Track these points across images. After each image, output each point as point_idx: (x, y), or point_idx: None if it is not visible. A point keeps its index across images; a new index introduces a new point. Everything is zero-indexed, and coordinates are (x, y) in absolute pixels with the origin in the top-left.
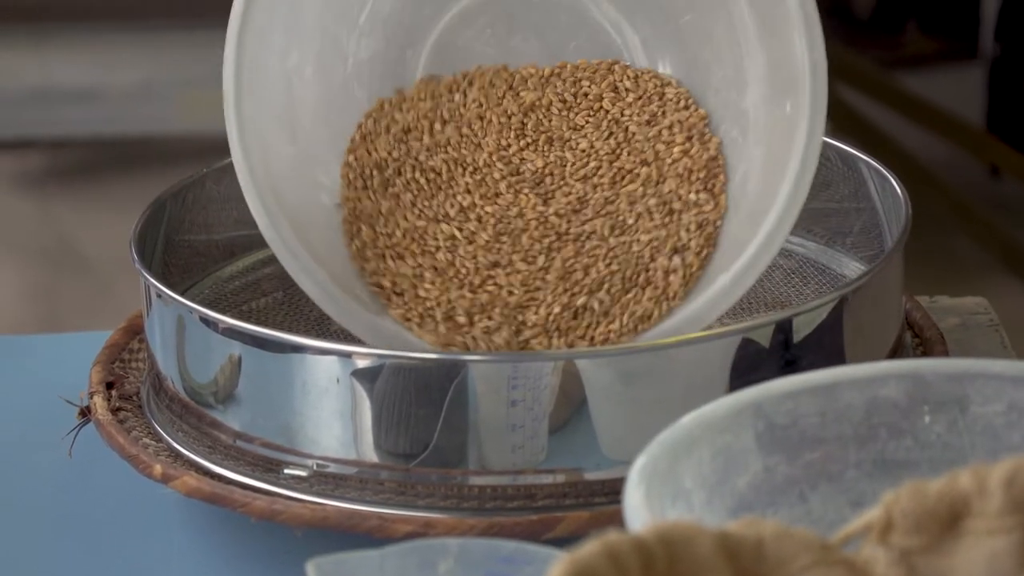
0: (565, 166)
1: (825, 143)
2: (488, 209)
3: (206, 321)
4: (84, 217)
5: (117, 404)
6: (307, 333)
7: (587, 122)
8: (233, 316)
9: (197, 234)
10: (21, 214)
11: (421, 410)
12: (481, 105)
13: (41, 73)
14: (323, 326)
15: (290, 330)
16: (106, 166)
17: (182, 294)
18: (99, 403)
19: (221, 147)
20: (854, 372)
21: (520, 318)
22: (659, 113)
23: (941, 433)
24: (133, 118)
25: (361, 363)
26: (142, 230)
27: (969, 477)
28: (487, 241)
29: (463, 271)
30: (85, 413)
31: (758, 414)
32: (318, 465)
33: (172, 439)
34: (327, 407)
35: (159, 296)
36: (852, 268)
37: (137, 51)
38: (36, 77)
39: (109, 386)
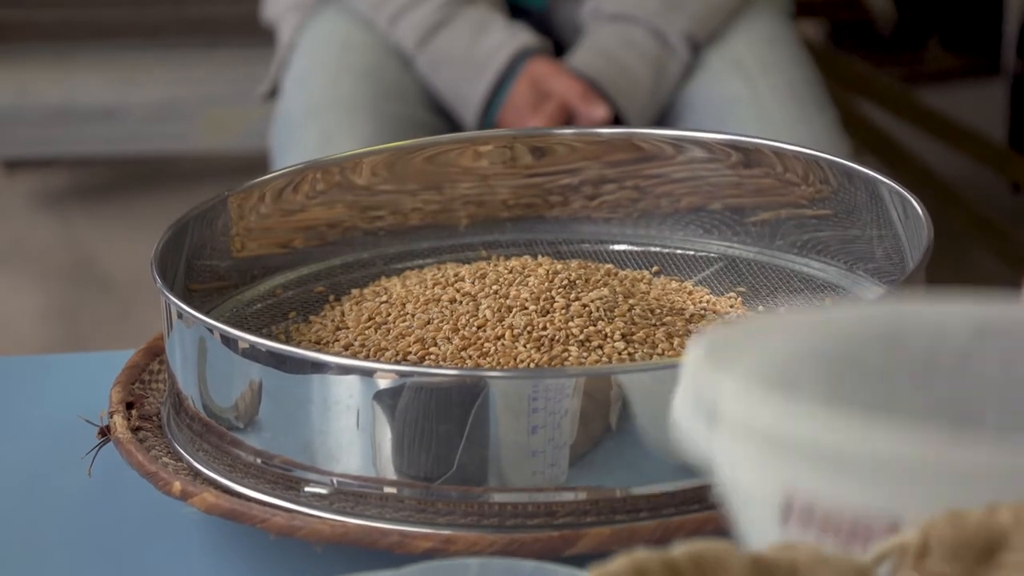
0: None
1: (847, 166)
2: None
3: (227, 340)
4: (106, 236)
5: (137, 424)
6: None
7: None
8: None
9: (220, 258)
10: (43, 232)
11: (442, 427)
12: None
13: (64, 91)
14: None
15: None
16: (128, 185)
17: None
18: (119, 422)
19: (243, 166)
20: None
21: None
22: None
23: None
24: (155, 137)
25: (382, 381)
26: (163, 250)
27: (1009, 512)
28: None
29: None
30: (105, 433)
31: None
32: (339, 482)
33: (192, 458)
34: (348, 425)
35: (180, 316)
36: (874, 292)
37: (159, 70)
38: (59, 95)
39: (129, 406)
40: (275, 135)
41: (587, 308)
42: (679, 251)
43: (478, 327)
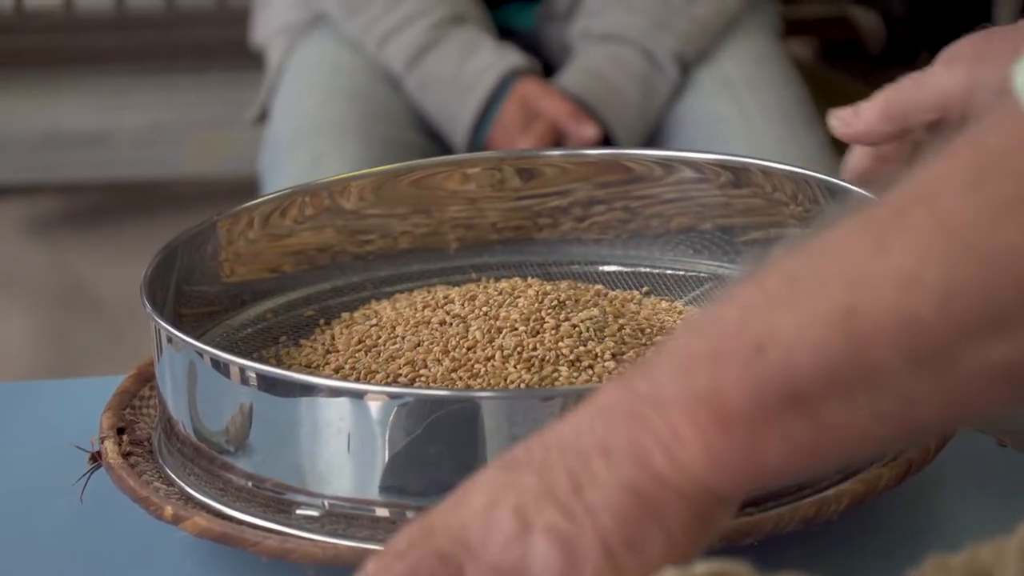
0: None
1: (836, 184)
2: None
3: (217, 364)
4: (96, 261)
5: (128, 449)
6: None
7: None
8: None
9: (209, 284)
10: (33, 258)
11: (433, 448)
12: None
13: (52, 117)
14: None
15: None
16: (118, 210)
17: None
18: (110, 448)
19: (233, 190)
20: None
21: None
22: None
23: None
24: (144, 161)
25: (373, 403)
26: (153, 275)
27: (989, 550)
28: None
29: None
30: (96, 458)
31: None
32: (330, 505)
33: (183, 482)
34: (339, 447)
35: (170, 340)
36: None
37: (148, 95)
38: (47, 121)
39: (120, 431)
40: (265, 159)
41: (577, 328)
42: (669, 271)
43: (468, 348)
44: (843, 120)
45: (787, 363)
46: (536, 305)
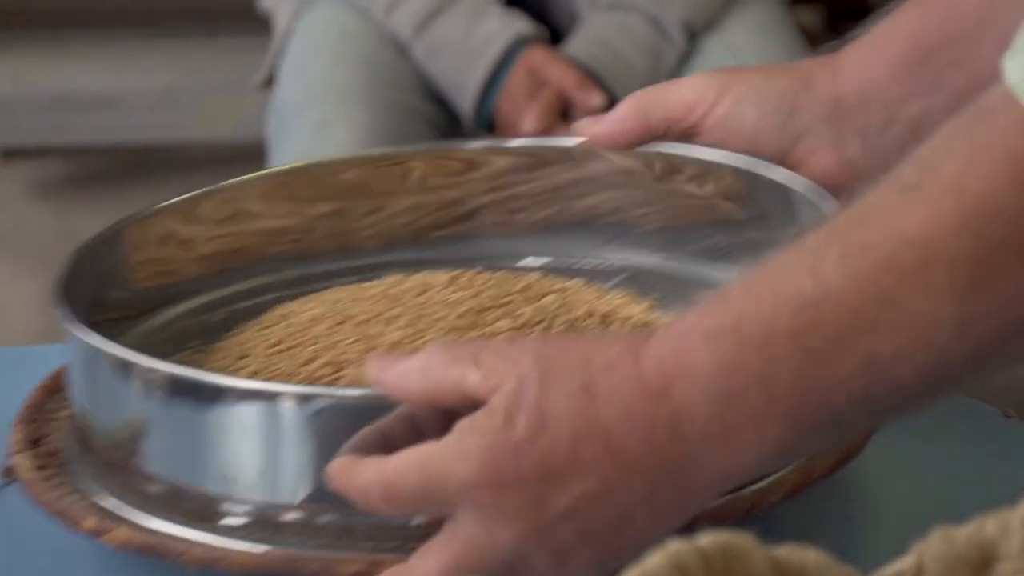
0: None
1: (754, 174)
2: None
3: (127, 365)
4: (103, 224)
5: (42, 462)
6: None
7: None
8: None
9: (119, 289)
10: (40, 221)
11: (339, 448)
12: None
13: (60, 80)
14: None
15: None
16: (125, 174)
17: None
18: (23, 462)
19: (240, 154)
20: None
21: None
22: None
23: None
24: (153, 125)
25: (290, 404)
26: (65, 281)
27: (994, 522)
28: None
29: None
30: (8, 473)
31: None
32: (255, 511)
33: (102, 493)
34: (260, 452)
35: (82, 345)
36: None
37: (156, 58)
38: (55, 84)
39: (33, 443)
40: (272, 123)
41: (502, 322)
42: (585, 263)
43: (391, 346)
44: (589, 123)
45: None
46: (468, 301)
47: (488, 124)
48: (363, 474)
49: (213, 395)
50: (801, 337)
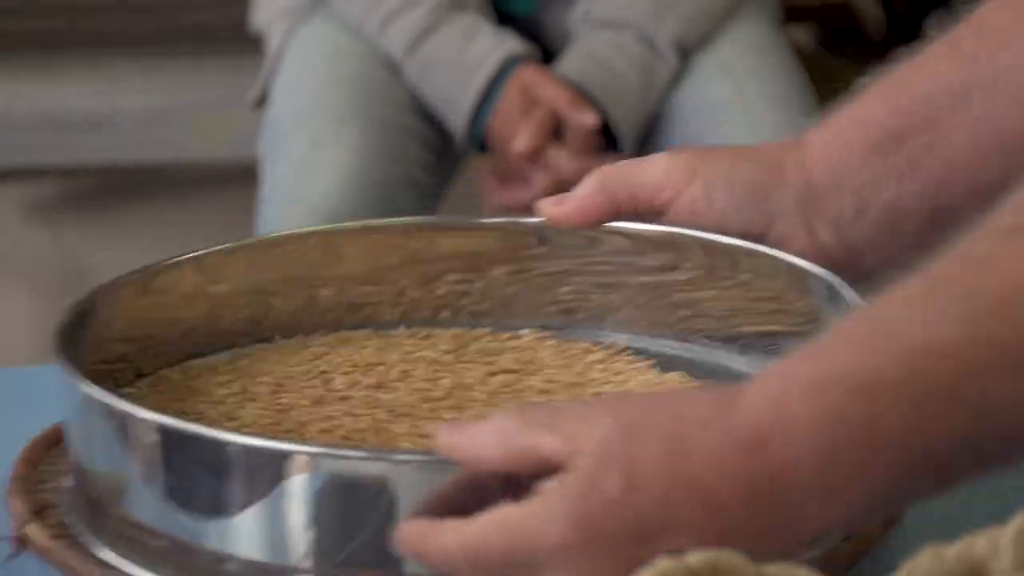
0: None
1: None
2: None
3: (129, 419)
4: (96, 245)
5: (57, 531)
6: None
7: None
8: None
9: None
10: (33, 242)
11: (351, 510)
12: None
13: (52, 100)
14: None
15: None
16: (118, 193)
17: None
18: (36, 531)
19: (234, 173)
20: None
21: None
22: None
23: None
24: (146, 144)
25: (296, 462)
26: (63, 341)
27: (984, 541)
28: None
29: None
30: (21, 542)
31: None
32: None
33: (112, 555)
34: (281, 511)
35: (88, 402)
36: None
37: (150, 77)
38: (48, 103)
39: (39, 510)
40: (265, 142)
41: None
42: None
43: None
44: (551, 204)
45: None
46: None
47: (480, 143)
48: (442, 538)
49: (220, 448)
50: (908, 386)
